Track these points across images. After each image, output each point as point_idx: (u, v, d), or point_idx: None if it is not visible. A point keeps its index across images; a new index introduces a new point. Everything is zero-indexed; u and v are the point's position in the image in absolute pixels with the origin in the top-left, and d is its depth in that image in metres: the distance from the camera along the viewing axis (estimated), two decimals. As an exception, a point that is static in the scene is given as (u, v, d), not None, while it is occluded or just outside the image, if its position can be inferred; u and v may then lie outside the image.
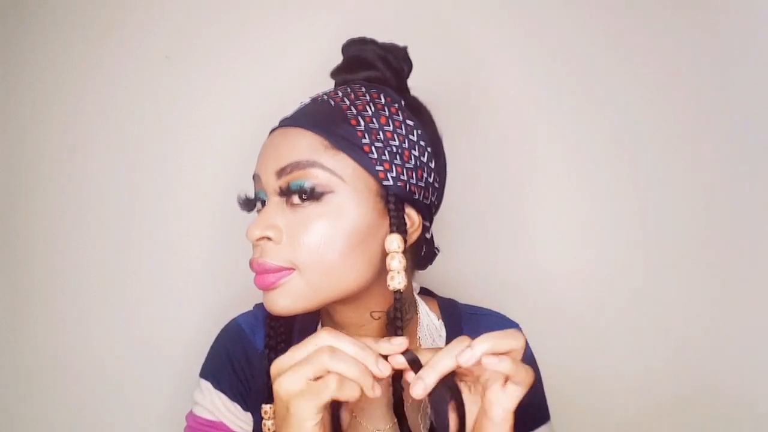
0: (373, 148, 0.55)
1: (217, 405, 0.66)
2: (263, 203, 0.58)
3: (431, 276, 0.76)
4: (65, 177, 0.97)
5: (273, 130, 0.60)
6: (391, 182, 0.56)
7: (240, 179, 0.68)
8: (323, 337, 0.48)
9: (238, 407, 0.67)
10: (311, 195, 0.54)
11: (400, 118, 0.58)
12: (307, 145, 0.55)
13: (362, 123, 0.56)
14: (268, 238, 0.55)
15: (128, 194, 0.97)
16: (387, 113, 0.57)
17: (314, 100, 0.60)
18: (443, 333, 0.67)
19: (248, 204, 0.61)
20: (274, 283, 0.55)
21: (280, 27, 0.96)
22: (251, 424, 0.67)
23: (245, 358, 0.67)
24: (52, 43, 0.96)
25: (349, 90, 0.60)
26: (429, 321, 0.67)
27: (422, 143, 0.58)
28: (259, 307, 0.70)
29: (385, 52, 0.62)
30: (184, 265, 0.97)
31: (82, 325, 0.97)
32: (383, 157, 0.56)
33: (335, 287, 0.56)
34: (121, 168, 0.97)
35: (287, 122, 0.59)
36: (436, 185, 0.61)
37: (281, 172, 0.55)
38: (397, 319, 0.54)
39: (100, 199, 0.97)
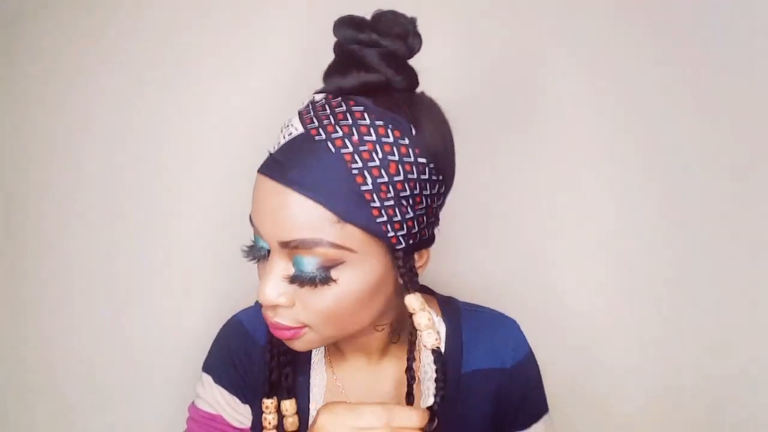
0: (382, 212, 0.50)
1: (217, 399, 0.68)
2: (267, 251, 0.54)
3: (431, 276, 0.76)
4: (65, 176, 0.97)
5: (263, 172, 0.53)
6: (403, 245, 0.52)
7: (240, 179, 0.68)
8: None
9: (238, 401, 0.69)
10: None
11: (412, 158, 0.51)
12: (310, 219, 0.49)
13: (369, 179, 0.49)
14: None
15: (128, 194, 0.97)
16: (397, 157, 0.50)
17: (308, 136, 0.51)
18: (443, 331, 0.68)
19: (252, 253, 0.56)
20: (290, 338, 0.56)
21: (280, 25, 0.96)
22: (251, 417, 0.69)
23: (246, 353, 0.69)
24: (52, 43, 0.96)
25: (349, 119, 0.50)
26: (428, 320, 0.67)
27: (434, 177, 0.53)
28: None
29: (387, 43, 0.52)
30: (185, 265, 0.98)
31: (82, 325, 0.98)
32: (394, 219, 0.51)
33: (348, 332, 0.57)
34: (121, 168, 0.97)
35: (281, 178, 0.51)
36: (443, 202, 0.58)
37: (285, 245, 0.51)
38: (439, 380, 0.53)
39: (99, 200, 0.97)
